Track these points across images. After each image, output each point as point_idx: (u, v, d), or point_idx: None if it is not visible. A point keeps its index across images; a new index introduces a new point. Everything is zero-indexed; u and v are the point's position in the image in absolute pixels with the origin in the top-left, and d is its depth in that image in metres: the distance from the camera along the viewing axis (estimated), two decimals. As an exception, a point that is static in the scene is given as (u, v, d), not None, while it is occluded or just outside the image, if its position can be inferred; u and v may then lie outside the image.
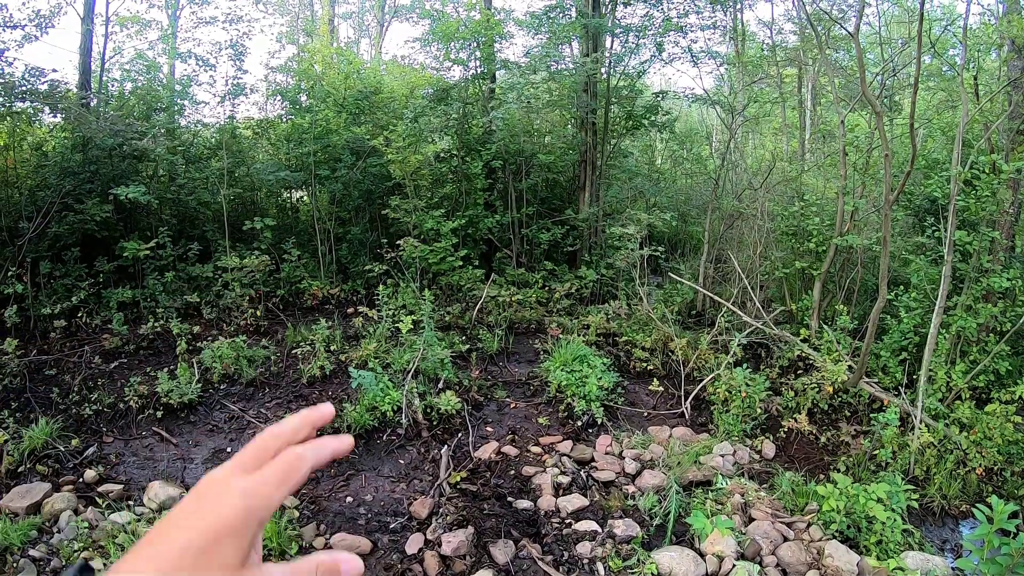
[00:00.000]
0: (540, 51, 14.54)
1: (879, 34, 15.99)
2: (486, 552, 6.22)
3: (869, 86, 11.10)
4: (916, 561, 6.55)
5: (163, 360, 9.91)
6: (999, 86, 11.31)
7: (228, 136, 13.42)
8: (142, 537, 0.71)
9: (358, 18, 31.71)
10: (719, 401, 9.35)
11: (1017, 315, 9.84)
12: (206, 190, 13.03)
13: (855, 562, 6.41)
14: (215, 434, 8.26)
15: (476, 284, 12.94)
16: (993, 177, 9.85)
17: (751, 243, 13.60)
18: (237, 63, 13.49)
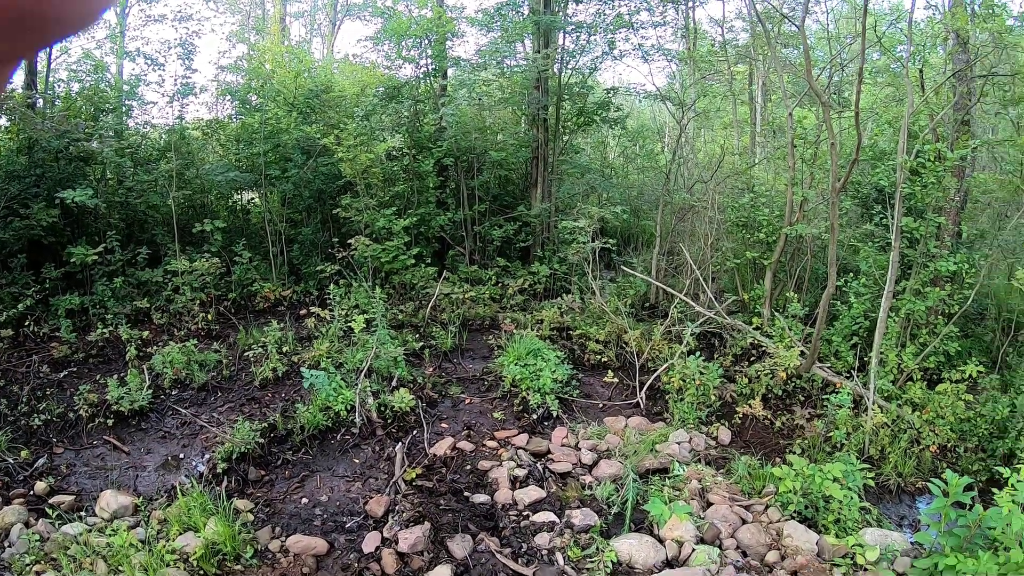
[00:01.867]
0: (490, 48, 14.51)
1: (827, 31, 16.33)
2: (444, 547, 6.19)
3: (817, 80, 11.30)
4: (875, 537, 6.66)
5: (113, 367, 9.67)
6: (943, 78, 11.61)
7: (177, 137, 13.15)
8: None
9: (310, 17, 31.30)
10: (674, 390, 9.46)
11: (964, 297, 10.09)
12: (155, 193, 12.78)
13: (814, 541, 6.51)
14: (167, 440, 8.07)
15: (429, 282, 12.90)
16: (938, 165, 10.07)
17: (702, 235, 13.78)
18: (186, 62, 13.20)
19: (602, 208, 12.71)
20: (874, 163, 12.16)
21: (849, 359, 10.47)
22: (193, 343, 9.75)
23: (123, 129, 13.32)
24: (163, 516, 6.34)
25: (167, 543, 5.85)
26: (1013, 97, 11.14)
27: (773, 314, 11.74)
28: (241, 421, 7.80)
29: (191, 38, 13.39)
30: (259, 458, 7.54)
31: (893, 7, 20.03)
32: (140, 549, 5.72)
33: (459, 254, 14.84)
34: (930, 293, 10.26)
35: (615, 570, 5.97)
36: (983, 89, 11.42)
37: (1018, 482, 5.95)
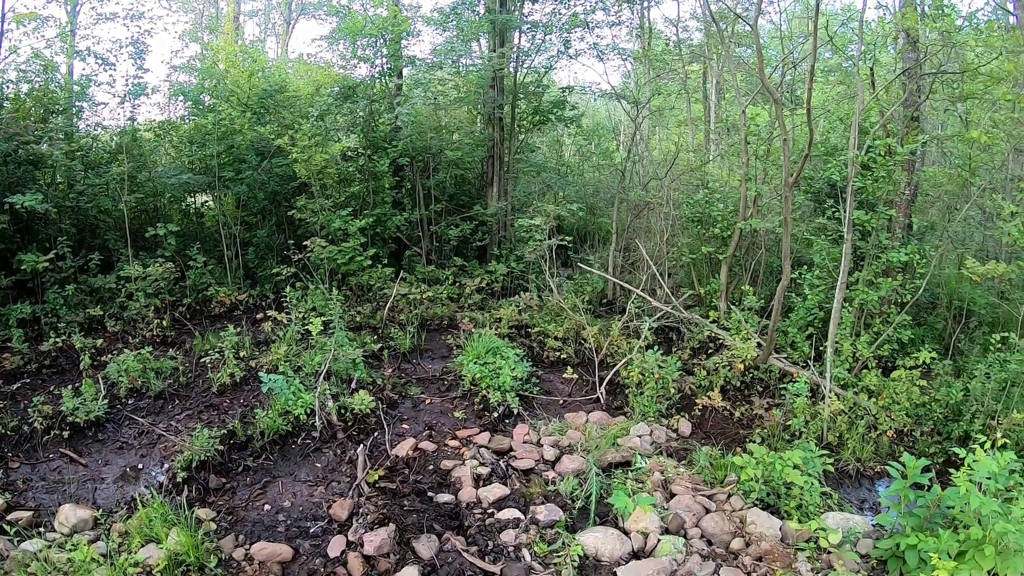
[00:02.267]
0: (445, 47, 14.48)
1: (779, 30, 16.62)
2: (410, 548, 6.15)
3: (770, 79, 11.51)
4: (837, 521, 6.82)
5: (67, 377, 9.44)
6: (893, 76, 11.90)
7: (129, 139, 12.89)
8: None
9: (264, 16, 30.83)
10: (633, 384, 9.56)
11: (916, 287, 10.36)
12: (107, 197, 12.50)
13: (777, 527, 6.63)
14: (125, 451, 7.90)
15: (386, 283, 12.86)
16: (888, 160, 10.32)
17: (658, 231, 13.96)
18: (138, 62, 12.92)
19: (558, 206, 12.77)
20: (826, 159, 12.41)
21: (805, 349, 10.70)
22: (148, 350, 9.53)
23: (73, 131, 12.98)
24: (124, 529, 6.19)
25: (129, 556, 5.71)
26: (961, 94, 11.44)
27: (729, 307, 11.94)
28: (200, 428, 7.66)
29: (143, 37, 13.13)
30: (219, 466, 7.41)
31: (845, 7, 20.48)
32: (102, 563, 5.59)
33: (416, 254, 14.80)
34: (883, 283, 10.52)
35: (582, 564, 5.99)
36: (932, 86, 11.72)
37: (974, 461, 6.10)
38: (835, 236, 11.27)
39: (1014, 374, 8.81)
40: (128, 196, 11.90)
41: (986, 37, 9.82)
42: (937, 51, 11.14)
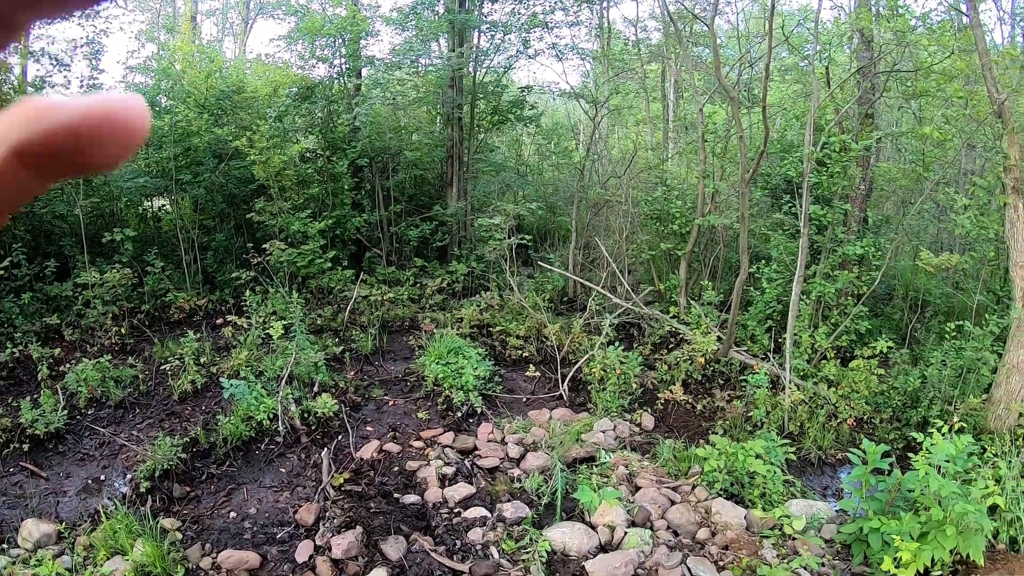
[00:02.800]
0: (404, 47, 14.43)
1: (737, 30, 16.86)
2: (378, 550, 6.16)
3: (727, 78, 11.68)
4: (800, 508, 6.99)
5: (25, 388, 9.24)
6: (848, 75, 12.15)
7: (84, 142, 12.53)
8: None
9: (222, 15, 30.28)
10: (595, 380, 9.65)
11: (872, 279, 10.58)
12: (62, 201, 12.24)
13: (742, 515, 6.79)
14: (87, 463, 7.76)
15: (347, 285, 12.78)
16: (843, 156, 10.54)
17: (617, 229, 14.08)
18: (93, 62, 12.64)
19: (517, 205, 12.82)
20: (783, 155, 12.65)
21: (764, 342, 10.90)
22: (107, 359, 9.34)
23: (27, 134, 12.66)
24: (88, 542, 6.11)
25: (95, 569, 5.68)
26: (915, 91, 11.71)
27: (689, 302, 12.11)
28: (162, 437, 7.55)
29: (99, 37, 12.85)
30: (183, 474, 7.32)
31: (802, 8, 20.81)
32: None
33: (376, 256, 14.73)
34: (839, 276, 10.75)
35: (550, 559, 6.04)
36: (886, 84, 11.99)
37: (932, 445, 6.27)
38: (792, 231, 11.49)
39: (969, 361, 9.05)
40: (84, 201, 11.68)
41: (939, 36, 10.07)
42: (891, 50, 11.40)
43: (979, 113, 9.95)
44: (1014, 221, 8.53)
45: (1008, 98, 8.47)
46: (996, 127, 9.27)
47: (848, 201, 11.58)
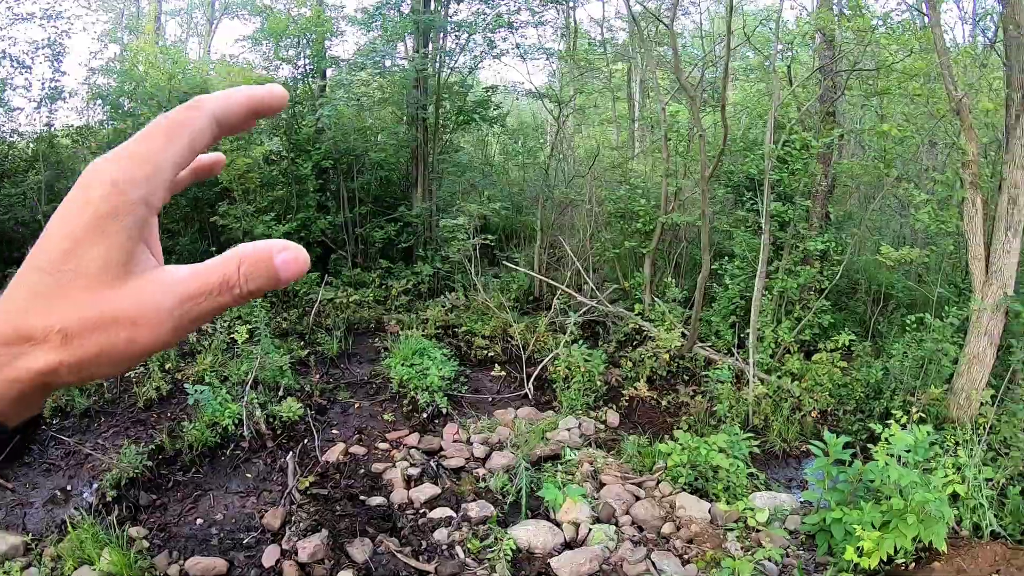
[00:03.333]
0: (368, 48, 14.37)
1: (701, 29, 17.00)
2: (344, 553, 6.15)
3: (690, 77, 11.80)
4: (764, 500, 7.11)
5: (-12, 399, 9.03)
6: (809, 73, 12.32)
7: (46, 146, 12.38)
8: None
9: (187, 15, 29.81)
10: (560, 379, 9.71)
11: (834, 273, 10.73)
12: (24, 207, 12.02)
13: (707, 509, 6.89)
14: (53, 473, 7.63)
15: (312, 288, 12.70)
16: (803, 153, 10.69)
17: (582, 228, 14.14)
18: (55, 64, 12.43)
19: (481, 206, 12.84)
20: (745, 153, 12.80)
21: (729, 337, 11.03)
22: (71, 367, 9.21)
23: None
24: (56, 552, 6.05)
25: (64, 580, 5.59)
26: (876, 89, 11.90)
27: (654, 300, 12.20)
28: (127, 445, 7.48)
29: (61, 38, 12.63)
30: (149, 482, 7.26)
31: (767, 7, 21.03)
32: (36, 589, 5.45)
33: (342, 258, 14.65)
34: (802, 272, 10.90)
35: (515, 557, 6.07)
36: (847, 83, 12.17)
37: (891, 436, 6.37)
38: (754, 227, 11.63)
39: (930, 352, 9.19)
40: (46, 206, 11.49)
41: (899, 36, 10.24)
42: (850, 49, 11.57)
43: (939, 111, 10.14)
44: (972, 215, 8.69)
45: (966, 96, 8.62)
46: (955, 124, 9.45)
47: (810, 198, 11.74)
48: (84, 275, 0.54)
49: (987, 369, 8.66)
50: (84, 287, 0.53)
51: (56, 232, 0.55)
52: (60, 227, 0.55)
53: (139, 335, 0.54)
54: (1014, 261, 8.45)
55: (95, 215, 0.53)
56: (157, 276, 0.56)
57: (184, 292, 0.56)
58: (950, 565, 5.92)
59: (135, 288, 0.55)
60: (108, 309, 0.53)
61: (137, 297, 0.54)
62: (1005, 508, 6.81)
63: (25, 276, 0.55)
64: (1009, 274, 8.45)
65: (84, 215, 0.54)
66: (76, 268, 0.53)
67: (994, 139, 10.23)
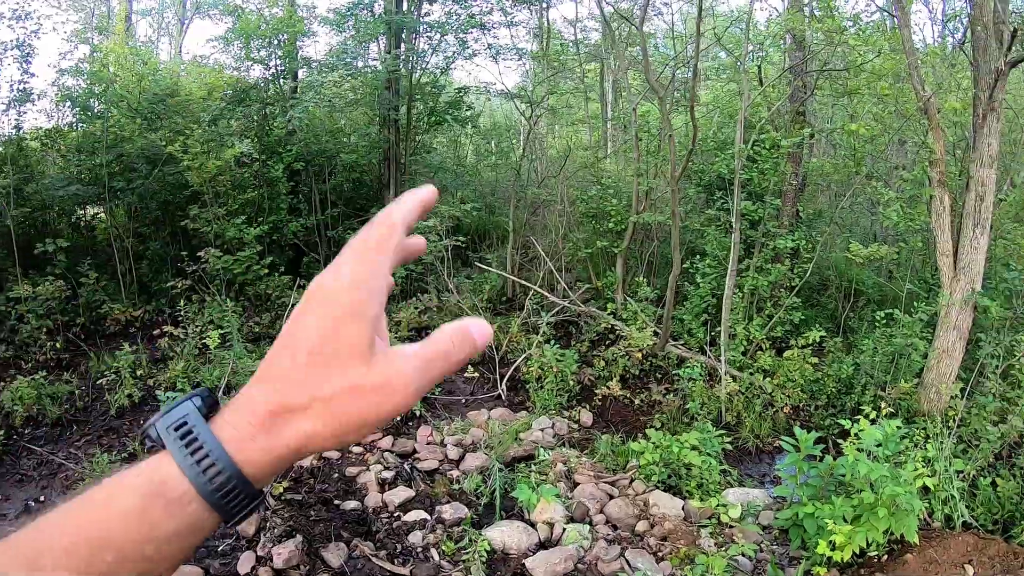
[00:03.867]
0: (339, 49, 14.32)
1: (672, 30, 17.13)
2: (319, 558, 6.13)
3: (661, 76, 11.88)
4: (737, 496, 7.20)
5: (-42, 409, 8.94)
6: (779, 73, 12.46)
7: (14, 149, 12.18)
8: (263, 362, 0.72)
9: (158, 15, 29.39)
10: (533, 379, 9.72)
11: (804, 271, 10.86)
12: (-10, 211, 11.77)
13: (680, 506, 6.95)
14: (25, 483, 7.55)
15: (284, 291, 12.58)
16: (773, 152, 10.80)
17: (554, 228, 14.19)
18: (24, 65, 12.22)
19: (453, 207, 12.83)
20: (716, 153, 12.92)
21: (701, 335, 11.14)
22: (43, 375, 9.06)
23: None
24: (30, 565, 5.93)
25: (37, 594, 5.47)
26: (846, 89, 12.05)
27: (626, 299, 12.29)
28: (100, 454, 7.40)
29: (30, 39, 12.41)
30: (123, 491, 7.17)
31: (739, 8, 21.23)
32: (10, 604, 5.33)
33: (314, 260, 14.58)
34: (772, 269, 11.03)
35: (491, 558, 6.07)
36: (817, 83, 12.31)
37: (860, 431, 6.45)
38: (725, 226, 11.73)
39: (900, 347, 9.32)
40: (14, 211, 11.30)
41: (868, 37, 10.38)
42: (820, 50, 11.71)
43: (907, 110, 10.29)
44: (940, 212, 8.83)
45: (933, 96, 8.76)
46: (924, 123, 9.59)
47: (780, 196, 11.86)
48: (338, 356, 0.67)
49: (956, 363, 8.79)
50: (339, 365, 0.67)
51: (311, 324, 0.69)
52: (314, 320, 0.69)
53: (388, 400, 0.69)
54: (982, 257, 8.60)
55: (345, 312, 0.68)
56: (395, 352, 0.71)
57: (422, 360, 0.72)
58: (922, 556, 5.96)
59: (379, 363, 0.69)
60: (361, 381, 0.67)
61: (383, 369, 0.69)
62: (976, 499, 6.93)
63: (282, 358, 0.69)
64: (977, 270, 8.57)
65: (336, 311, 0.69)
66: (333, 350, 0.67)
67: (962, 138, 10.39)
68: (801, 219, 12.49)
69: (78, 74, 14.11)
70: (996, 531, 6.68)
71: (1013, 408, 7.79)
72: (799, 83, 12.04)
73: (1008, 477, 6.97)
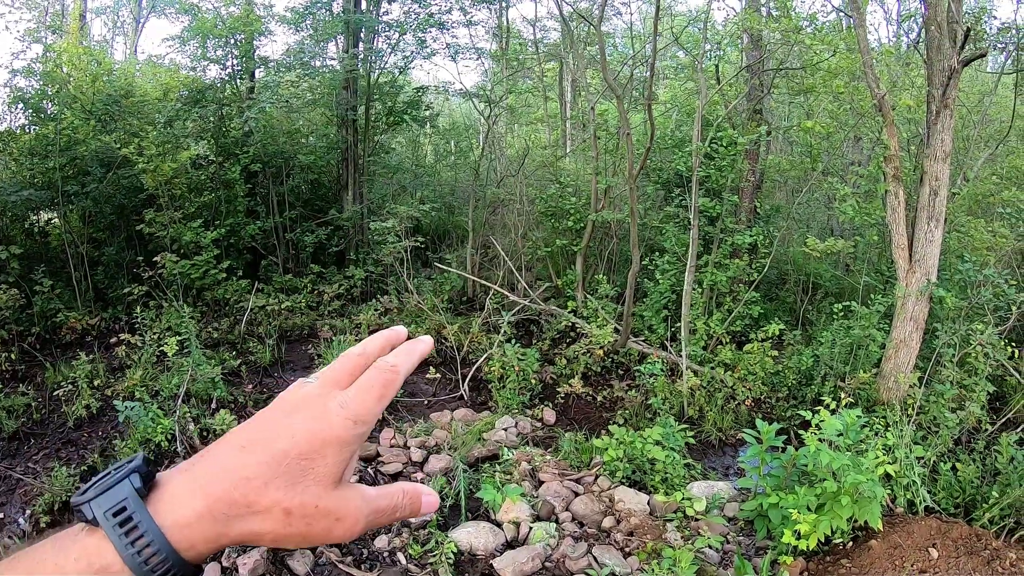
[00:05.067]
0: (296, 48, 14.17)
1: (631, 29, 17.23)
2: (285, 567, 6.06)
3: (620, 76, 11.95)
4: (702, 489, 7.25)
5: (-89, 426, 8.67)
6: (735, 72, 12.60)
7: (-37, 154, 11.84)
8: (220, 443, 0.73)
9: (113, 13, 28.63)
10: (495, 378, 9.73)
11: (762, 265, 11.00)
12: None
13: (645, 501, 6.98)
14: (-17, 500, 7.36)
15: (243, 296, 12.46)
16: (730, 150, 10.92)
17: (512, 227, 14.21)
18: (-24, 67, 11.89)
19: (410, 207, 12.78)
20: (675, 150, 13.03)
21: (661, 331, 11.22)
22: (-2, 388, 8.85)
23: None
24: (-11, 581, 5.77)
25: (-4, 609, 5.34)
26: (803, 87, 12.22)
27: (586, 297, 12.35)
28: (58, 467, 7.23)
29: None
30: (84, 505, 7.01)
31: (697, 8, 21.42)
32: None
33: (273, 263, 14.43)
34: (731, 265, 11.17)
35: (458, 560, 6.05)
36: (773, 81, 12.48)
37: (820, 422, 6.52)
38: (684, 223, 11.85)
39: (857, 338, 9.48)
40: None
41: (823, 36, 10.54)
42: (776, 49, 11.87)
43: (862, 107, 10.48)
44: (895, 207, 8.99)
45: (887, 93, 8.91)
46: (879, 120, 9.77)
47: (738, 193, 12.01)
48: (314, 474, 0.71)
49: (914, 353, 8.97)
50: (312, 483, 0.71)
51: (298, 431, 0.72)
52: (302, 430, 0.72)
53: (336, 528, 0.73)
54: (936, 250, 8.77)
55: (337, 438, 0.72)
56: (356, 490, 0.77)
57: (376, 506, 0.78)
58: (887, 542, 6.05)
59: (343, 495, 0.74)
60: (323, 504, 0.72)
61: (343, 502, 0.74)
62: (938, 484, 7.07)
63: (254, 451, 0.71)
64: (932, 262, 8.74)
65: (328, 433, 0.72)
66: (311, 468, 0.71)
67: (916, 134, 10.60)
68: (759, 215, 12.65)
69: (30, 75, 13.76)
70: (958, 515, 6.81)
71: (970, 395, 7.99)
72: (756, 82, 12.21)
73: (968, 462, 7.12)
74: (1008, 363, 8.52)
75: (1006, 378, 9.05)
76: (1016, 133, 12.80)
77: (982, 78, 15.43)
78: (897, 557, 5.86)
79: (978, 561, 5.64)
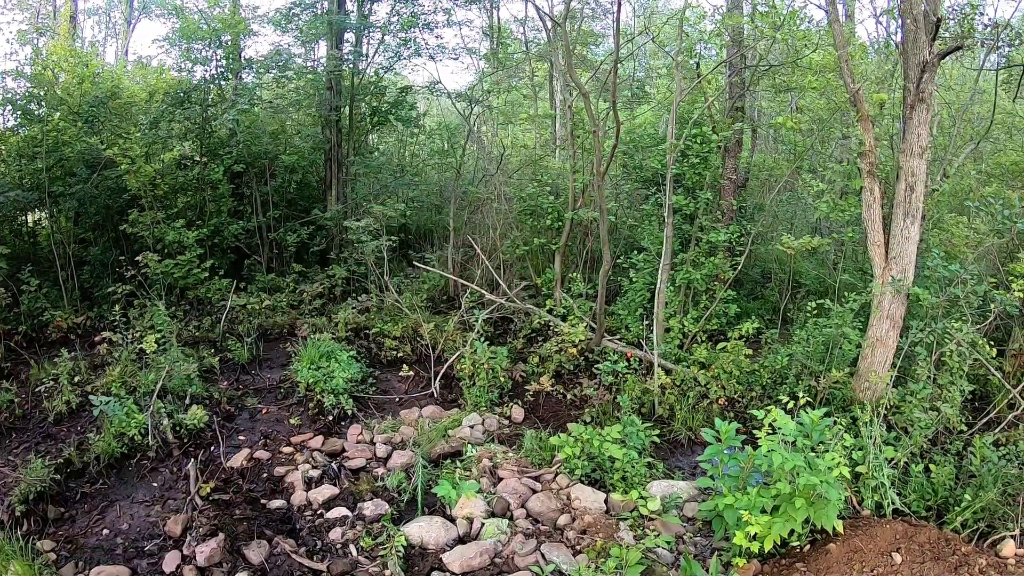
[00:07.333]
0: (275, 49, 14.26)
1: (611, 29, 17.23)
2: (241, 556, 6.24)
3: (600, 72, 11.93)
4: (661, 488, 7.29)
5: (-101, 419, 8.88)
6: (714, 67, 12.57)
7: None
8: None
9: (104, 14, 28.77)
10: (466, 376, 9.82)
11: (738, 263, 10.99)
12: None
13: (602, 499, 7.05)
14: (-38, 491, 7.52)
15: (225, 295, 12.59)
16: (704, 146, 10.89)
17: (492, 226, 14.29)
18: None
19: (387, 207, 12.84)
20: (654, 148, 13.01)
21: (636, 330, 11.26)
22: (-17, 385, 9.05)
23: None
24: (-34, 571, 5.98)
25: (-30, 596, 5.55)
26: (785, 84, 12.18)
27: (563, 295, 12.38)
28: (34, 459, 7.40)
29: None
30: (58, 495, 7.23)
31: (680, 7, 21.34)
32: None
33: (256, 263, 14.55)
34: (707, 263, 11.15)
35: (408, 553, 6.19)
36: (755, 78, 12.44)
37: (773, 421, 6.44)
38: (661, 220, 11.85)
39: (832, 336, 9.44)
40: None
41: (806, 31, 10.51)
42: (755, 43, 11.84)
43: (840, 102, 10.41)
44: (870, 203, 8.94)
45: (861, 87, 8.88)
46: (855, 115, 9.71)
47: (715, 190, 11.96)
48: None
49: (890, 351, 8.86)
50: None
51: None
52: None
53: None
54: (913, 247, 8.67)
55: None
56: None
57: None
58: (846, 545, 5.98)
59: None
60: None
61: None
62: (908, 486, 6.94)
63: None
64: (909, 259, 8.65)
65: None
66: None
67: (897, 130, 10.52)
68: (743, 213, 12.62)
69: (19, 76, 13.94)
70: (930, 517, 6.70)
71: (945, 394, 7.87)
72: (737, 79, 12.18)
73: (943, 463, 7.01)
74: (989, 362, 8.40)
75: (989, 377, 8.94)
76: (1002, 129, 12.64)
77: (972, 76, 15.27)
78: (857, 561, 5.79)
79: (944, 567, 5.55)
